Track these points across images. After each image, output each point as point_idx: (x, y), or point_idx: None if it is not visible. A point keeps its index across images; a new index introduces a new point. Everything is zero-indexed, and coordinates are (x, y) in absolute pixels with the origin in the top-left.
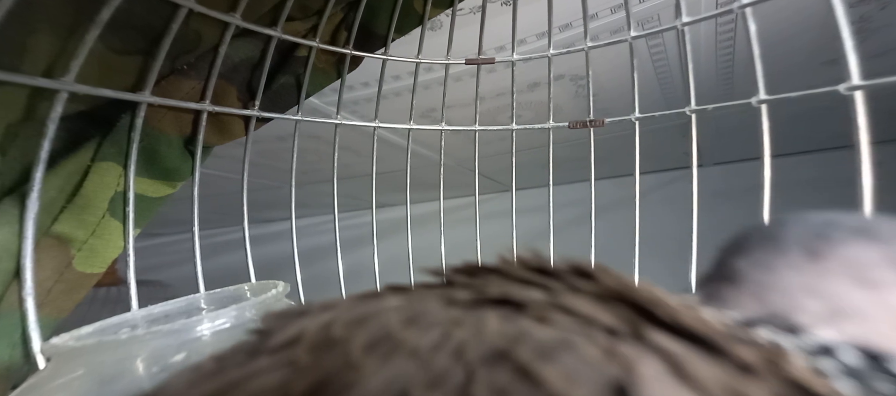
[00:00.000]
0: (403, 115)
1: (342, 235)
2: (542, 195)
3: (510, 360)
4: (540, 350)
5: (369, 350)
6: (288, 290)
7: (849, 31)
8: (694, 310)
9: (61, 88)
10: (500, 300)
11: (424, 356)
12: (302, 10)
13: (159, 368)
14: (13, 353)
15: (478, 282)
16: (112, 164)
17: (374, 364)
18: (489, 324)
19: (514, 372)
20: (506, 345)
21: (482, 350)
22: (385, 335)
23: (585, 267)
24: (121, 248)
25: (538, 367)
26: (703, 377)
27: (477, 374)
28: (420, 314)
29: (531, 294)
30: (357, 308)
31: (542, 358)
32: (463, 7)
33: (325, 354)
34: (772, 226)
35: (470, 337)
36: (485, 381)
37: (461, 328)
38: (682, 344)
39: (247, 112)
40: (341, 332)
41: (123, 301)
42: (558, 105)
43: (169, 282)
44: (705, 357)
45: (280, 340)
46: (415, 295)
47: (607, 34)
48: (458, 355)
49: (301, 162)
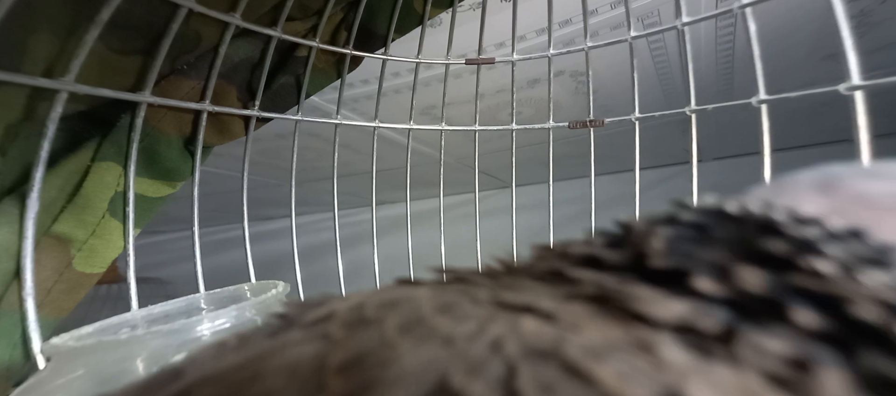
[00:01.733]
0: (403, 112)
1: (342, 232)
2: (542, 192)
3: (557, 357)
4: (588, 350)
5: (404, 331)
6: (288, 290)
7: (848, 30)
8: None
9: (61, 88)
10: (525, 308)
11: (460, 344)
12: (302, 10)
13: (159, 368)
14: (13, 353)
15: (491, 286)
16: (112, 164)
17: (409, 345)
18: (526, 324)
19: (562, 369)
20: (548, 344)
21: (522, 346)
22: (418, 319)
23: (559, 269)
24: (121, 248)
25: (590, 365)
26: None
27: (520, 368)
28: (450, 304)
29: (547, 303)
30: (385, 294)
31: (592, 358)
32: (463, 4)
33: (359, 331)
34: (778, 181)
35: (507, 333)
36: (530, 376)
37: (496, 324)
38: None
39: (247, 112)
40: (374, 313)
41: (124, 299)
42: (558, 102)
43: (169, 279)
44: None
45: (312, 317)
46: (438, 289)
47: (607, 30)
48: (496, 348)
49: (301, 160)
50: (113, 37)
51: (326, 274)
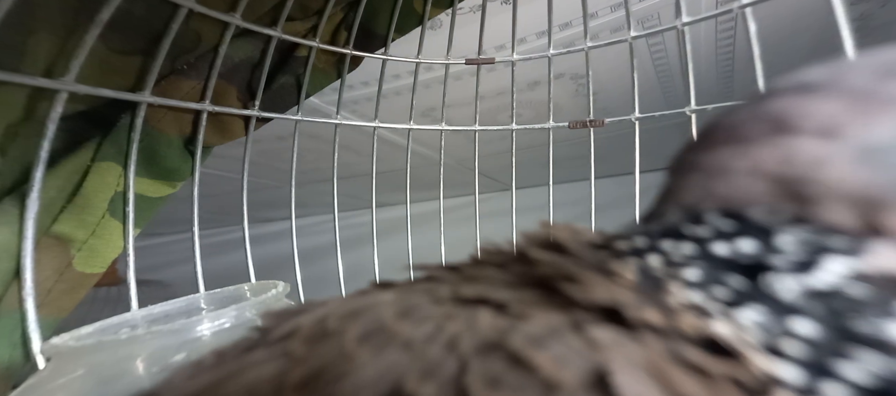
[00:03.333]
0: (403, 113)
1: (342, 234)
2: (542, 194)
3: (503, 349)
4: (531, 338)
5: (363, 341)
6: (288, 290)
7: (848, 31)
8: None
9: (61, 88)
10: (479, 300)
11: (418, 347)
12: (302, 10)
13: (159, 368)
14: (13, 353)
15: (455, 280)
16: (112, 164)
17: (367, 354)
18: (482, 318)
19: (506, 360)
20: (498, 336)
21: (475, 341)
22: (378, 327)
23: (524, 250)
24: (121, 248)
25: (531, 354)
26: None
27: (470, 364)
28: (413, 307)
29: (502, 294)
30: (351, 303)
31: (533, 346)
32: (463, 6)
33: (319, 345)
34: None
35: (463, 330)
36: (478, 370)
37: (454, 322)
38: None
39: (247, 112)
40: (335, 325)
41: (123, 301)
42: (558, 104)
43: (169, 281)
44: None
45: (277, 334)
46: (404, 291)
47: (607, 32)
48: (452, 346)
49: (301, 161)
50: (113, 37)
51: (326, 276)
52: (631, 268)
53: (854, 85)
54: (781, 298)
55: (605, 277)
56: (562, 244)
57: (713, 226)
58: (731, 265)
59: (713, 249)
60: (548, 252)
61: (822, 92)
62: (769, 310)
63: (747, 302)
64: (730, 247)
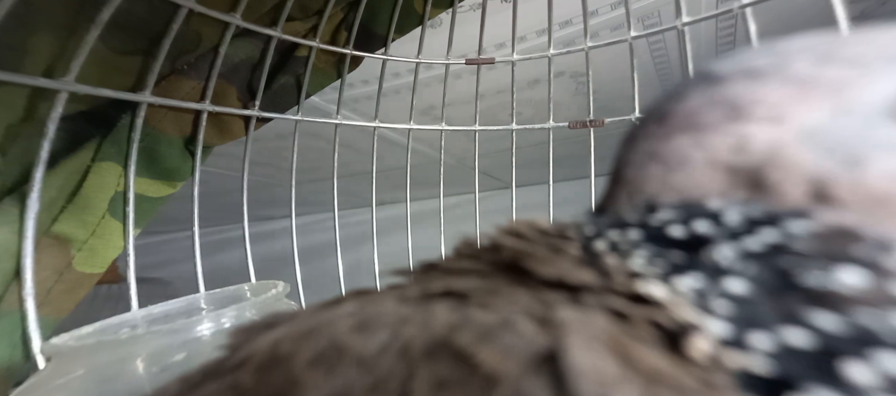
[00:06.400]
0: (404, 112)
1: (342, 232)
2: (542, 192)
3: (449, 348)
4: (481, 332)
5: (313, 364)
6: (288, 290)
7: (848, 30)
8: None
9: (61, 88)
10: (445, 293)
11: (369, 361)
12: (302, 10)
13: (159, 368)
14: (13, 353)
15: (424, 278)
16: (112, 164)
17: (316, 378)
18: (437, 316)
19: (452, 361)
20: (447, 334)
21: (425, 343)
22: (331, 345)
23: (497, 240)
24: (121, 248)
25: (474, 350)
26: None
27: (418, 370)
28: (371, 317)
29: (468, 283)
30: (311, 319)
31: (480, 341)
32: (463, 5)
33: (269, 374)
34: None
35: (417, 333)
36: (425, 376)
37: (409, 326)
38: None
39: (247, 112)
40: (288, 347)
41: (124, 299)
42: (558, 103)
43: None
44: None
45: (230, 362)
46: (372, 298)
47: (607, 31)
48: (404, 353)
49: (301, 160)
50: (113, 37)
51: (326, 274)
52: (576, 245)
53: (797, 71)
54: (717, 263)
55: (554, 254)
56: (520, 232)
57: (668, 216)
58: (675, 244)
59: (662, 232)
60: (511, 238)
61: (769, 78)
62: (705, 276)
63: (685, 271)
64: (678, 229)
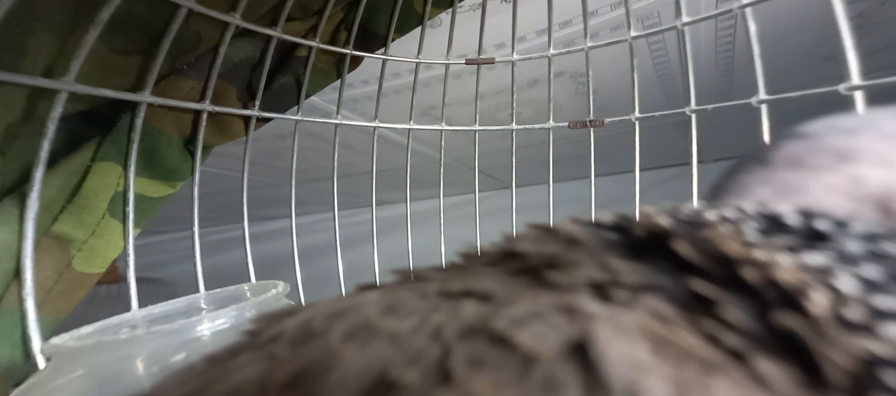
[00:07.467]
0: (403, 112)
1: (342, 233)
2: (542, 192)
3: (486, 331)
4: (513, 320)
5: (348, 338)
6: (288, 290)
7: (848, 30)
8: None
9: (61, 88)
10: (465, 292)
11: (403, 339)
12: (302, 10)
13: (159, 368)
14: (13, 353)
15: (442, 278)
16: (112, 164)
17: (352, 350)
18: (465, 308)
19: (488, 341)
20: (480, 322)
21: (458, 328)
22: (364, 324)
23: (508, 247)
24: (121, 248)
25: (512, 332)
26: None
27: (454, 348)
28: (398, 303)
29: (488, 284)
30: (336, 304)
31: (515, 326)
32: (463, 5)
33: (304, 346)
34: None
35: (447, 319)
36: (461, 353)
37: (438, 313)
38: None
39: (247, 112)
40: (320, 325)
41: (123, 299)
42: (558, 103)
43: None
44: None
45: (263, 338)
46: (390, 290)
47: (607, 31)
48: (436, 335)
49: (301, 160)
50: (113, 37)
51: (326, 274)
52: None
53: (888, 128)
54: (845, 250)
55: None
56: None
57: (788, 213)
58: (797, 232)
59: (780, 219)
60: (533, 244)
61: (865, 134)
62: (835, 255)
63: (813, 249)
64: (796, 219)
